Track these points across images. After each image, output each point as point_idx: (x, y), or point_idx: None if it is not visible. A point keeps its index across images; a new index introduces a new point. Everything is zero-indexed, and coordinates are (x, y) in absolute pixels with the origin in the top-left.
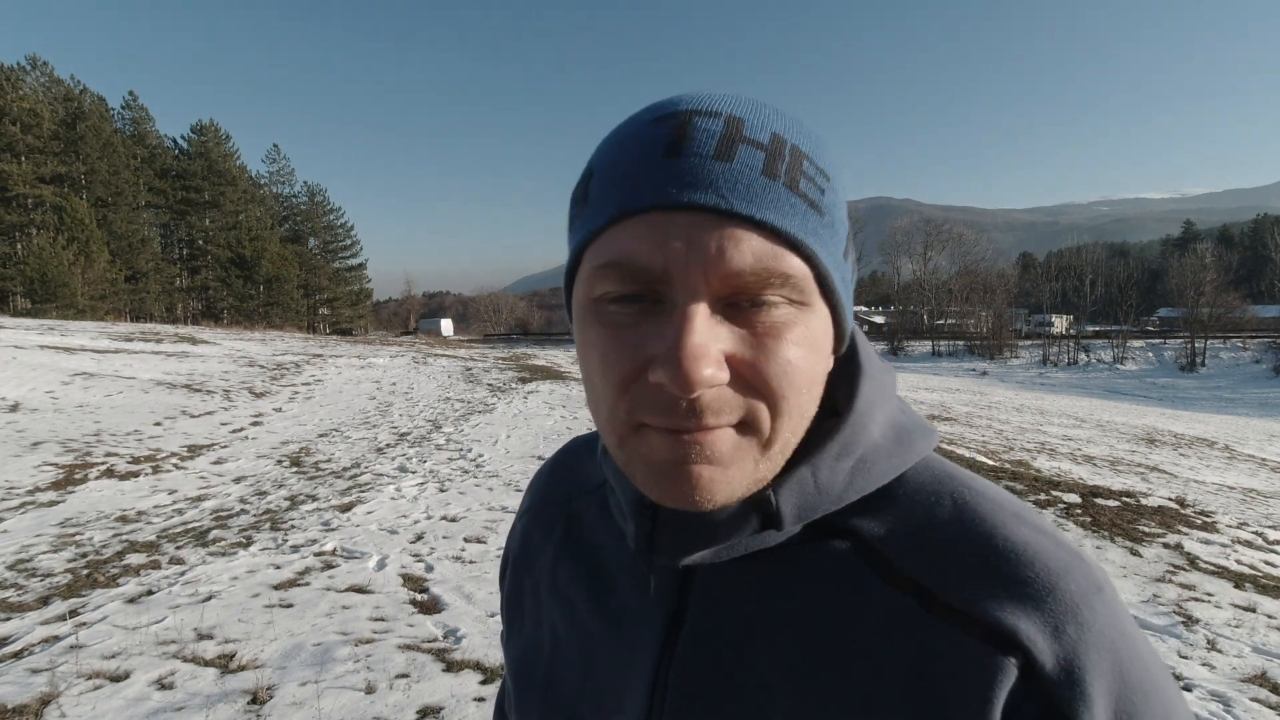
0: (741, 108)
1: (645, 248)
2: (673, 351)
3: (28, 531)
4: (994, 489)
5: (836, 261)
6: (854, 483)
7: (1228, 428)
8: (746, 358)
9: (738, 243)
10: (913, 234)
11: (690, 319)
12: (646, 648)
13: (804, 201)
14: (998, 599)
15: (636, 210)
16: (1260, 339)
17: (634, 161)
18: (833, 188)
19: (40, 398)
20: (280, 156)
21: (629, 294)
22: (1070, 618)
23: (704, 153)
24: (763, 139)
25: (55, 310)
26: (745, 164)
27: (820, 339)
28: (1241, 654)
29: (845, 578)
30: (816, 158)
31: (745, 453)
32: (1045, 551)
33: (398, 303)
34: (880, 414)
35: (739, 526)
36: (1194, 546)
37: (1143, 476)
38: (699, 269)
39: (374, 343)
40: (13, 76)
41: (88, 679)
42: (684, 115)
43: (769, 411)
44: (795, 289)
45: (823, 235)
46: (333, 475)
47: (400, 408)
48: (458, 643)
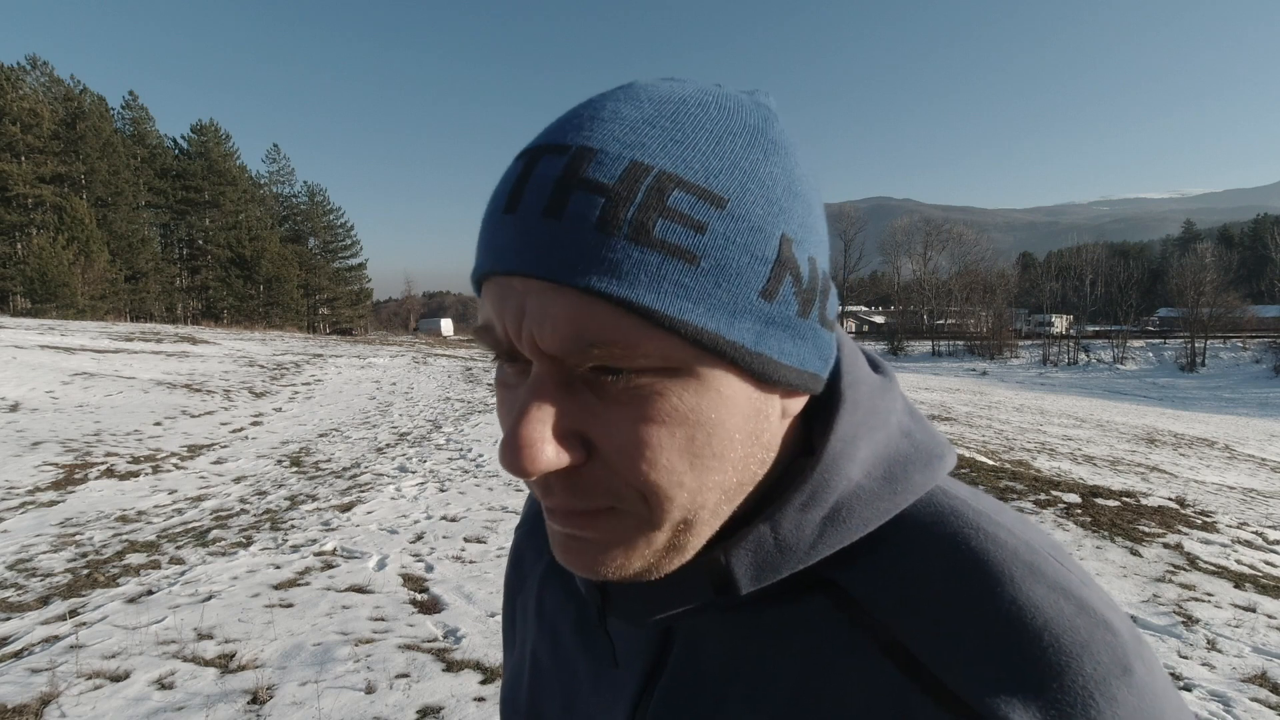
0: (604, 131)
1: (494, 315)
2: (506, 435)
3: (28, 531)
4: (1011, 530)
5: (739, 309)
6: (826, 535)
7: (1228, 428)
8: (603, 437)
9: (560, 316)
10: (913, 234)
11: (528, 400)
12: (623, 699)
13: (659, 253)
14: (992, 681)
15: (485, 274)
16: (1260, 339)
17: (487, 214)
18: (731, 214)
19: (40, 398)
20: (280, 156)
21: (502, 357)
22: (1079, 711)
23: (535, 208)
24: (608, 177)
25: (55, 310)
26: (574, 218)
27: (707, 408)
28: (1241, 654)
29: (826, 636)
30: (706, 179)
31: (625, 535)
32: (1060, 619)
33: (398, 303)
34: (864, 449)
35: (691, 592)
36: (1194, 546)
37: (1143, 476)
38: (530, 343)
39: (374, 342)
40: (13, 76)
41: (88, 679)
42: (536, 153)
43: (637, 499)
44: (657, 359)
45: (695, 289)
46: (333, 475)
47: (400, 407)
48: (458, 643)
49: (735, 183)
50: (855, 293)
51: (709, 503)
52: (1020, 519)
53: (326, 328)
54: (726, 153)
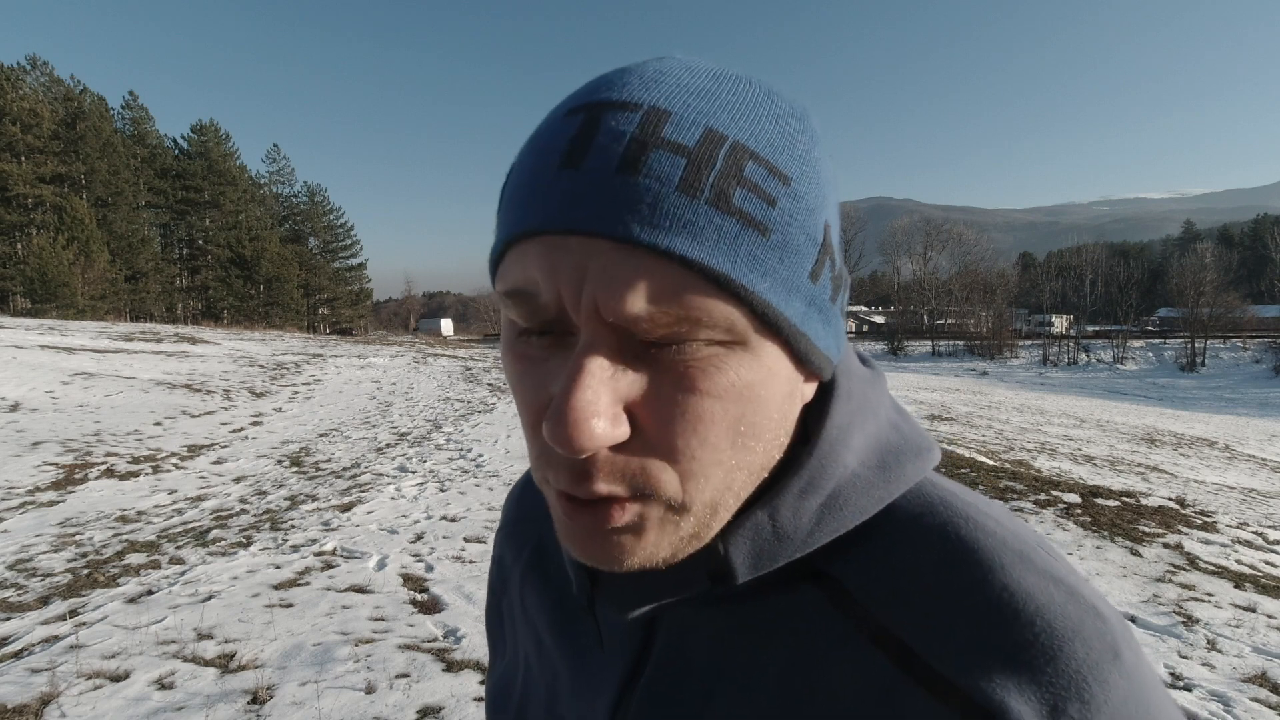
0: (675, 93)
1: (540, 279)
2: (558, 406)
3: (28, 531)
4: (999, 521)
5: (794, 286)
6: (823, 523)
7: (1228, 428)
8: (653, 410)
9: (634, 280)
10: (913, 234)
11: (581, 368)
12: (605, 694)
13: (737, 221)
14: (986, 666)
15: (530, 232)
16: (1260, 339)
17: (531, 170)
18: (794, 193)
19: (40, 397)
20: (280, 156)
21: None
22: (1074, 693)
23: (606, 163)
24: (688, 139)
25: (55, 310)
26: (656, 177)
27: (760, 385)
28: (1241, 654)
29: (818, 628)
30: (774, 155)
31: (657, 520)
32: (1052, 606)
33: (398, 303)
34: (859, 438)
35: (686, 580)
36: (1194, 546)
37: (1143, 476)
38: (591, 308)
39: (374, 342)
40: (13, 76)
41: (88, 679)
42: (596, 108)
43: (677, 473)
44: (719, 329)
45: (766, 260)
46: (333, 475)
47: (400, 407)
48: (458, 643)
49: (796, 163)
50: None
51: (736, 485)
52: (1006, 512)
53: (326, 328)
54: (786, 133)
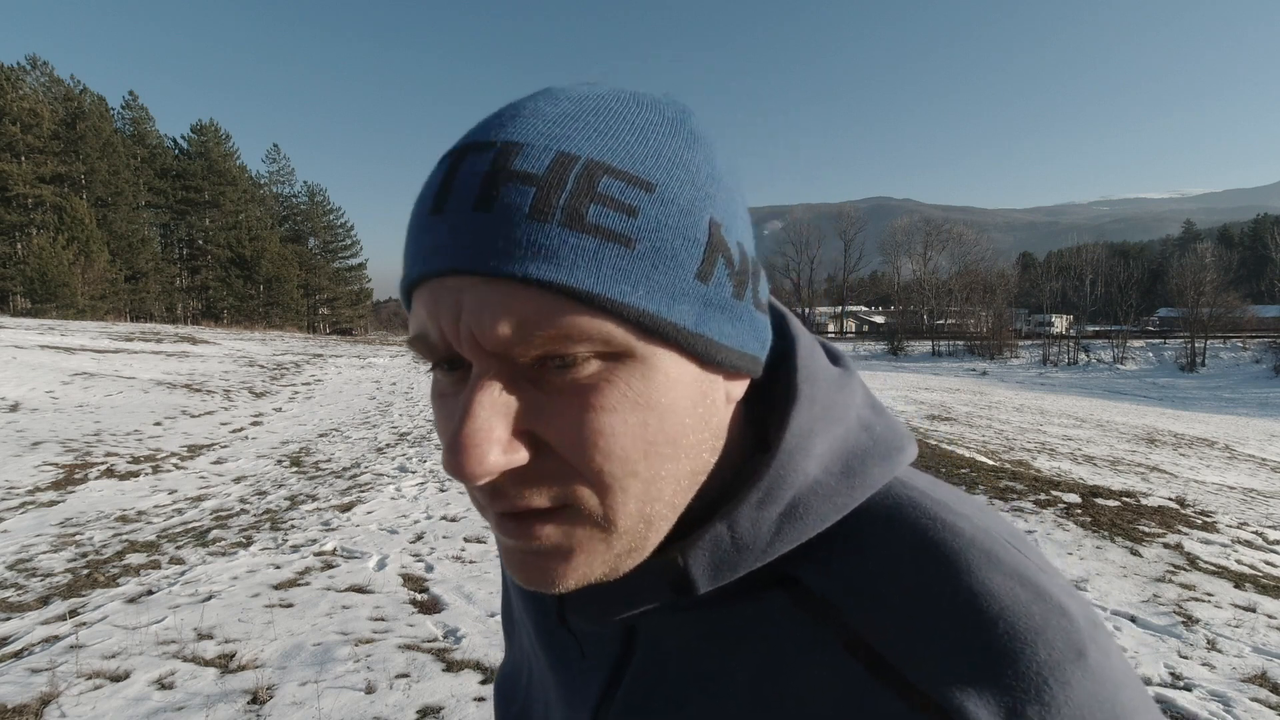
0: (528, 126)
1: (429, 321)
2: (450, 439)
3: (28, 531)
4: (968, 519)
5: (677, 291)
6: (783, 532)
7: (1228, 428)
8: (551, 431)
9: (499, 308)
10: (913, 234)
11: (471, 400)
12: (588, 700)
13: (594, 237)
14: (950, 670)
15: (415, 281)
16: (1260, 339)
17: (413, 220)
18: (661, 198)
19: (40, 397)
20: (280, 156)
21: (441, 364)
22: (1033, 696)
23: (464, 204)
24: (537, 167)
25: (55, 310)
26: (506, 208)
27: (656, 392)
28: (1241, 654)
29: (786, 633)
30: (632, 165)
31: (584, 539)
32: (1015, 607)
33: (398, 303)
34: (821, 444)
35: (648, 593)
36: (1194, 546)
37: (1143, 476)
38: (470, 341)
39: (374, 342)
40: (13, 76)
41: (88, 679)
42: (459, 153)
43: (593, 490)
44: (598, 342)
45: (633, 272)
46: (333, 475)
47: (400, 407)
48: (458, 643)
49: (661, 168)
50: (855, 293)
51: (664, 494)
52: (980, 507)
53: (326, 328)
54: (650, 141)
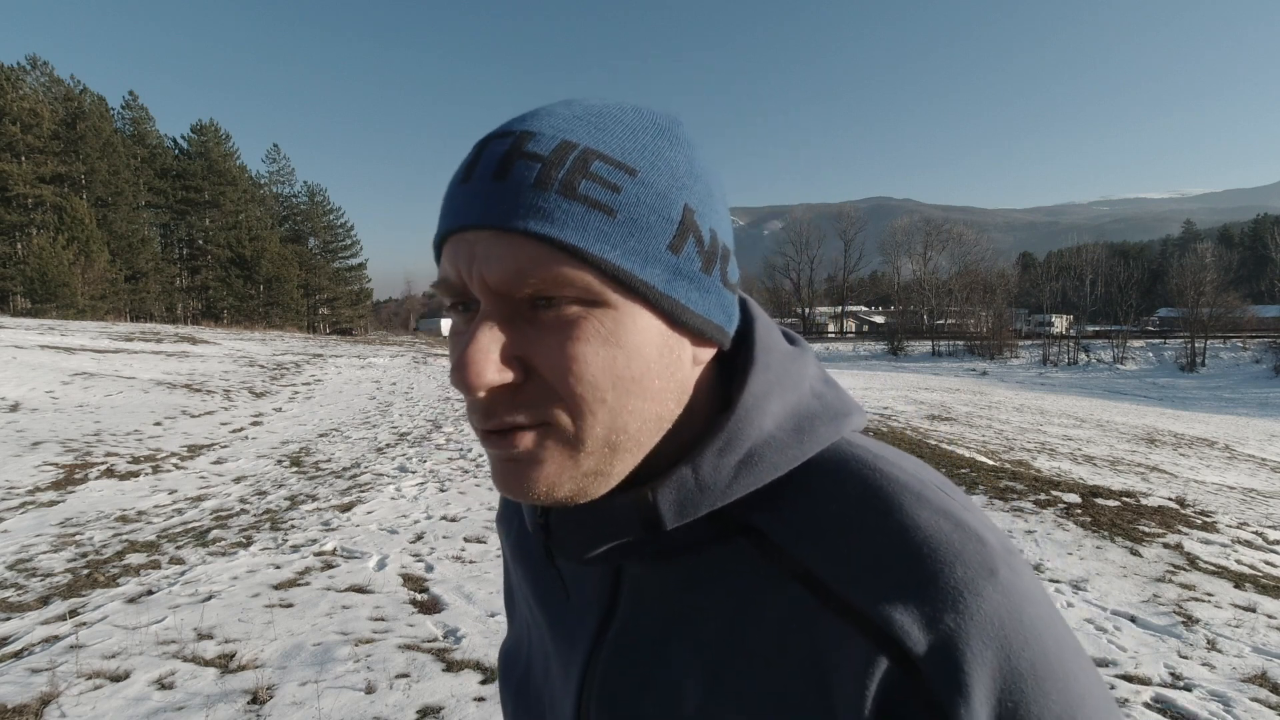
0: (541, 122)
1: (450, 267)
2: (456, 357)
3: (28, 531)
4: (901, 468)
5: (650, 257)
6: (740, 477)
7: (1228, 428)
8: (537, 357)
9: (504, 255)
10: (913, 234)
11: (475, 327)
12: (579, 648)
13: (582, 205)
14: (881, 589)
15: (445, 234)
16: (1260, 339)
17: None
18: (640, 181)
19: (40, 397)
20: (280, 156)
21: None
22: (949, 606)
23: (486, 175)
24: (544, 150)
25: (55, 310)
26: (517, 179)
27: (627, 336)
28: (1241, 654)
29: (747, 573)
30: (620, 155)
31: (553, 450)
32: (936, 536)
33: (398, 303)
34: (776, 404)
35: (622, 525)
36: (1194, 546)
37: (1143, 476)
38: (479, 282)
39: (374, 342)
40: (13, 76)
41: (88, 679)
42: (485, 141)
43: (566, 409)
44: (579, 289)
45: (612, 235)
46: (333, 475)
47: (400, 407)
48: (458, 643)
49: (645, 160)
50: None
51: (630, 427)
52: (918, 463)
53: (326, 328)
54: (638, 139)
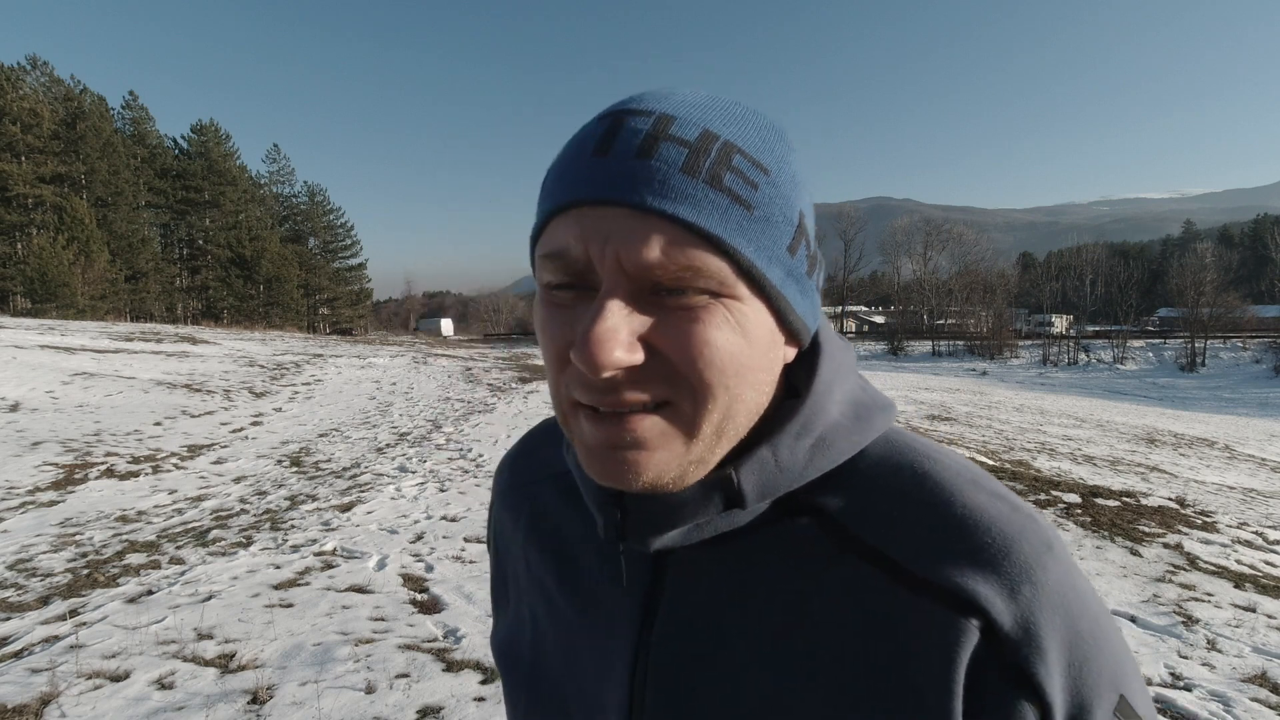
0: (680, 106)
1: (574, 241)
2: (584, 334)
3: (28, 531)
4: (951, 457)
5: (774, 256)
6: (814, 460)
7: (1228, 428)
8: (664, 340)
9: (649, 236)
10: (913, 234)
11: (603, 305)
12: (623, 635)
13: (727, 197)
14: (958, 565)
15: (568, 205)
16: (1260, 339)
17: (571, 159)
18: (772, 181)
19: (40, 397)
20: (280, 156)
21: (565, 283)
22: (1025, 578)
23: (628, 150)
24: (689, 135)
25: (55, 310)
26: (664, 160)
27: (751, 328)
28: (1241, 654)
29: (812, 552)
30: (756, 152)
31: (670, 437)
32: (1000, 516)
33: (398, 303)
34: (839, 393)
35: (704, 507)
36: (1194, 546)
37: (1143, 476)
38: (614, 260)
39: (374, 342)
40: (13, 76)
41: (88, 679)
42: (620, 115)
43: (689, 393)
44: (714, 280)
45: (750, 230)
46: (333, 475)
47: (400, 407)
48: (458, 643)
49: (775, 161)
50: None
51: (738, 415)
52: (954, 452)
53: (326, 328)
54: (767, 138)
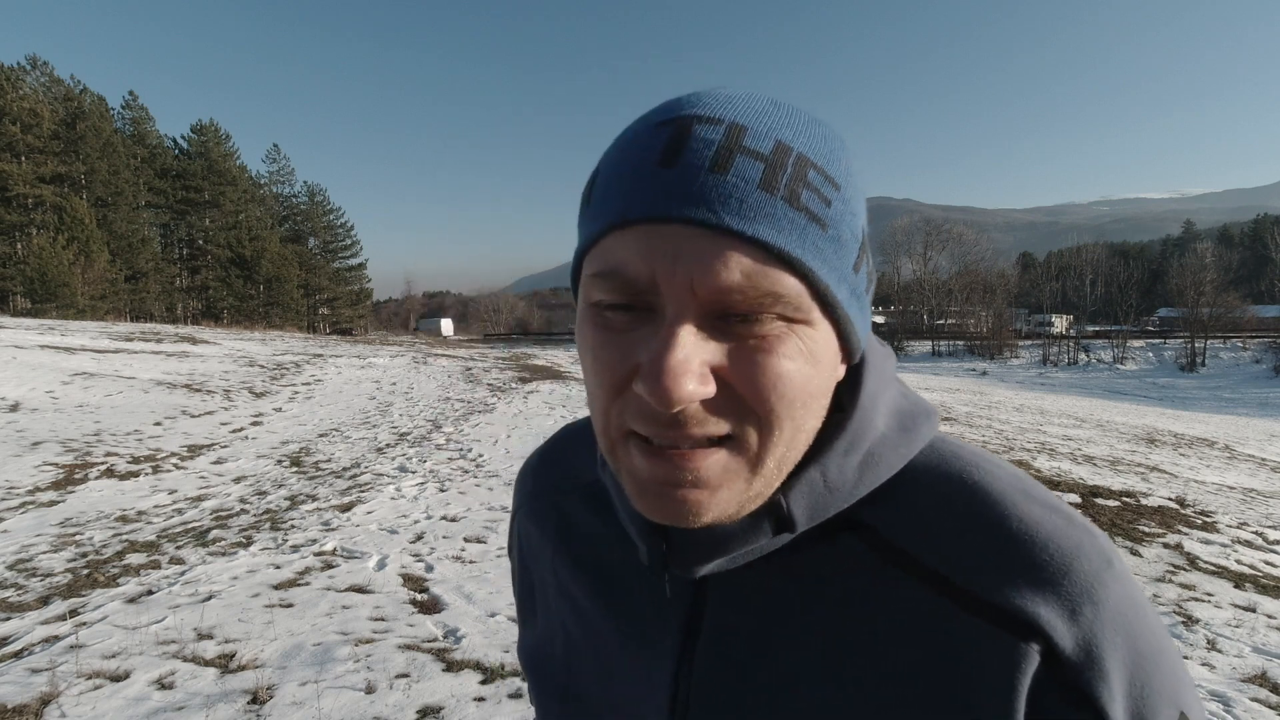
0: (747, 112)
1: (636, 259)
2: (655, 365)
3: (28, 531)
4: (1002, 467)
5: (843, 275)
6: (864, 477)
7: (1228, 428)
8: (735, 372)
9: (727, 259)
10: (913, 234)
11: (674, 333)
12: (664, 656)
13: (804, 215)
14: (1016, 585)
15: (630, 221)
16: (1260, 339)
17: (631, 168)
18: (843, 197)
19: (40, 398)
20: (280, 156)
21: (620, 303)
22: (1086, 598)
23: (699, 163)
24: (764, 148)
25: (55, 310)
26: (741, 176)
27: (821, 354)
28: (1241, 654)
29: (860, 570)
30: (827, 165)
31: (733, 474)
32: (1058, 531)
33: (398, 303)
34: (883, 403)
35: (753, 534)
36: (1194, 546)
37: (1143, 476)
38: (686, 284)
39: (374, 342)
40: (13, 76)
41: (88, 679)
42: (685, 121)
43: (757, 427)
44: (790, 305)
45: (825, 250)
46: (333, 475)
47: (400, 407)
48: (458, 643)
49: (843, 175)
50: None
51: (799, 444)
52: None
53: (326, 328)
54: (835, 150)
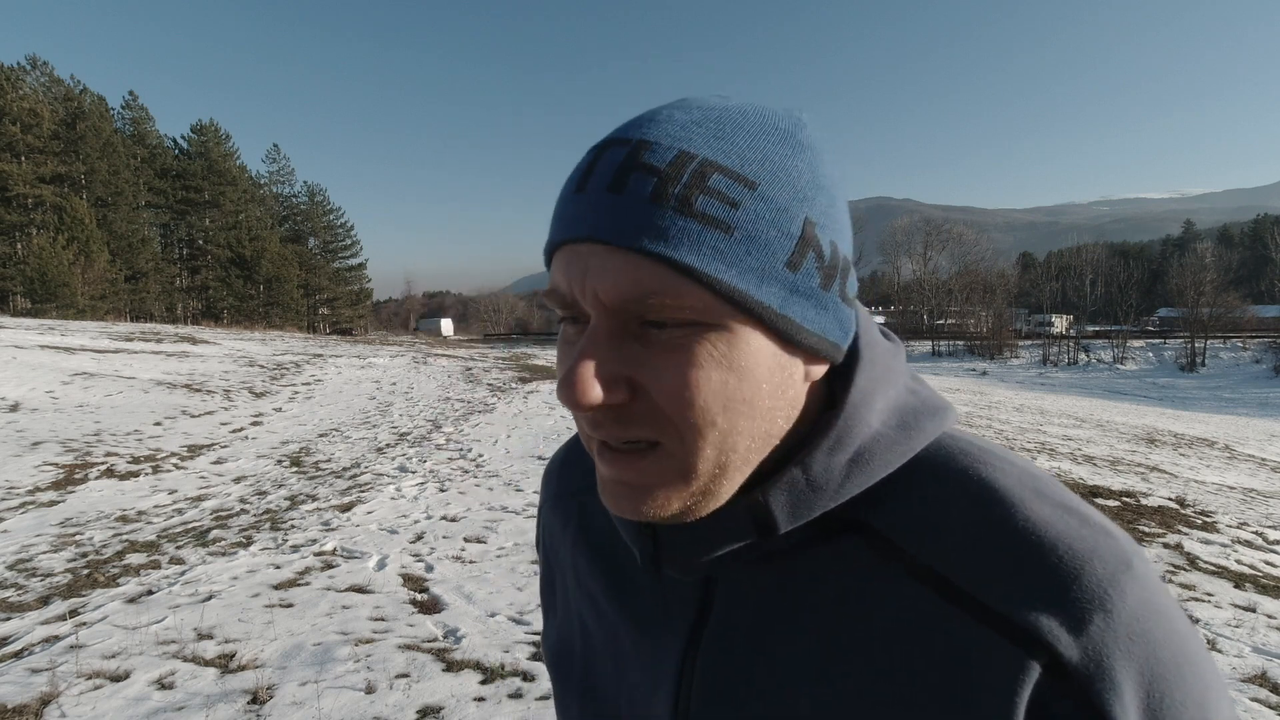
0: (660, 129)
1: (561, 278)
2: (565, 373)
3: (28, 531)
4: (1012, 463)
5: (767, 275)
6: (852, 476)
7: (1228, 428)
8: (649, 379)
9: (618, 272)
10: (913, 234)
11: (584, 344)
12: (670, 650)
13: (699, 222)
14: (1019, 592)
15: (556, 244)
16: (1260, 339)
17: (561, 195)
18: (760, 195)
19: (40, 398)
20: (280, 156)
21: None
22: (1096, 606)
23: (600, 185)
24: (660, 162)
25: (55, 310)
26: (632, 193)
27: (745, 359)
28: (1241, 654)
29: (860, 570)
30: (740, 166)
31: (665, 474)
32: (1069, 533)
33: (398, 303)
34: (880, 402)
35: (734, 532)
36: (1194, 546)
37: (1143, 476)
38: (594, 297)
39: (374, 342)
40: (13, 76)
41: (88, 679)
42: (603, 145)
43: (677, 434)
44: (694, 311)
45: (729, 253)
46: (333, 475)
47: (400, 407)
48: (458, 643)
49: (765, 171)
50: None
51: (739, 447)
52: (1017, 455)
53: (326, 328)
54: (759, 148)
